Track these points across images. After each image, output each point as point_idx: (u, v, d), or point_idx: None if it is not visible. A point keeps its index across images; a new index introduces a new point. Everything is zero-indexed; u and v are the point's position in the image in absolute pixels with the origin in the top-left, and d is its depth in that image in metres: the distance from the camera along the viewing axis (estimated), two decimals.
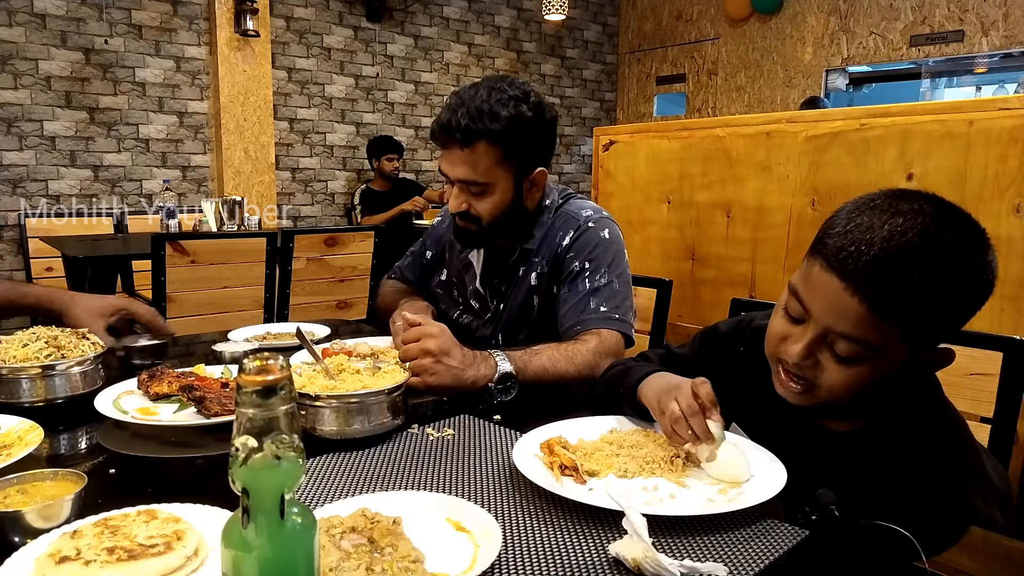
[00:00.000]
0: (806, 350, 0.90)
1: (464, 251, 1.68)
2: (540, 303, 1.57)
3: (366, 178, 5.99)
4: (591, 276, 1.49)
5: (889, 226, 0.83)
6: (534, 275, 1.57)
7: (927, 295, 0.82)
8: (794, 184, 2.22)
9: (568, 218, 1.56)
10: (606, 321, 1.45)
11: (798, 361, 0.91)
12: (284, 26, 5.51)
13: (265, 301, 3.29)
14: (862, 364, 0.88)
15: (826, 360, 0.90)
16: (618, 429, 1.07)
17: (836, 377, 0.90)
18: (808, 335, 0.90)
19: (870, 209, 0.86)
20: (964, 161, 1.83)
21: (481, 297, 1.65)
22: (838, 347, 0.88)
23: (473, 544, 0.77)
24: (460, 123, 1.39)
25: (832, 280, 0.85)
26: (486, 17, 6.62)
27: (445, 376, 1.23)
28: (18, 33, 4.48)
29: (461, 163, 1.44)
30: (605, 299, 1.47)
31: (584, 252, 1.51)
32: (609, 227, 1.55)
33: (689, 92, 7.08)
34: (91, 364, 1.23)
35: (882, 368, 0.88)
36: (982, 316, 0.88)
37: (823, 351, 0.90)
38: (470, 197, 1.48)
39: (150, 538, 0.71)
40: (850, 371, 0.89)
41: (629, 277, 1.55)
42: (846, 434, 1.00)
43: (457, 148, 1.42)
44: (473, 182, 1.45)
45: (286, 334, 1.69)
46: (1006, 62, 5.48)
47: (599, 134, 2.88)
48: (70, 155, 4.73)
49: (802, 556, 0.78)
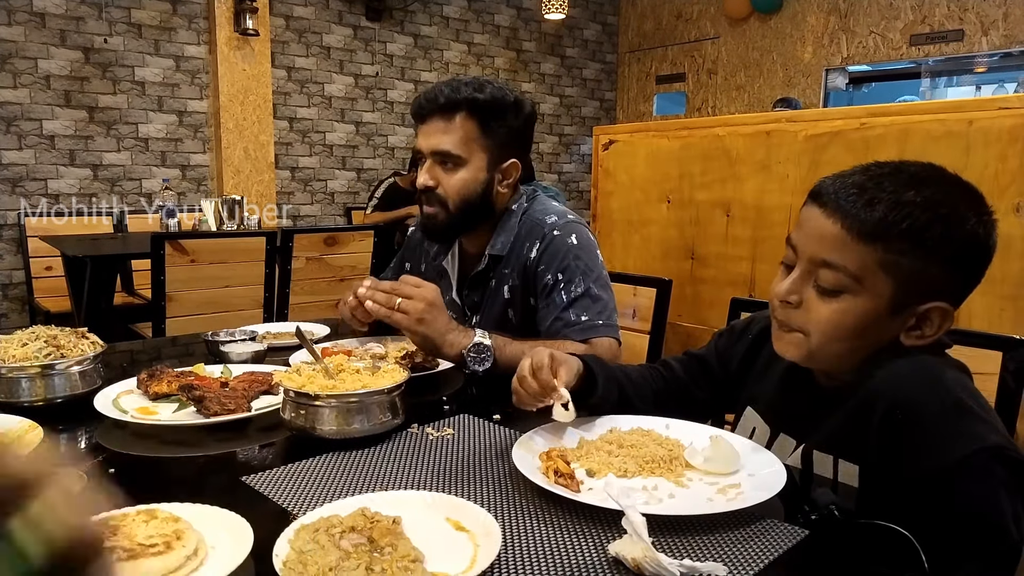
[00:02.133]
0: (791, 283, 0.94)
1: (438, 257, 1.67)
2: (517, 316, 1.55)
3: (368, 177, 5.99)
4: (566, 287, 1.47)
5: (868, 166, 0.92)
6: (506, 287, 1.55)
7: (900, 217, 0.86)
8: (794, 183, 2.22)
9: (533, 226, 1.53)
10: (591, 329, 1.43)
11: (784, 296, 0.94)
12: (284, 25, 5.50)
13: (265, 300, 3.29)
14: (845, 298, 0.90)
15: (811, 299, 0.92)
16: (618, 429, 1.07)
17: (822, 313, 0.91)
18: (796, 271, 0.94)
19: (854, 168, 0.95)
20: (964, 160, 1.83)
21: (458, 308, 1.64)
22: (821, 278, 0.91)
23: (473, 544, 0.77)
24: (443, 91, 1.46)
25: (812, 210, 0.92)
26: (486, 16, 6.62)
27: (431, 326, 1.31)
28: (17, 32, 4.47)
29: (439, 132, 1.47)
30: (584, 308, 1.45)
31: (554, 263, 1.48)
32: (576, 231, 1.52)
33: (689, 91, 7.07)
34: (90, 364, 1.23)
35: (868, 308, 0.89)
36: (982, 316, 0.88)
37: (808, 288, 0.93)
38: (441, 172, 1.49)
39: (150, 538, 0.71)
40: (834, 306, 0.90)
41: (606, 278, 1.52)
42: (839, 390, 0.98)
43: (438, 117, 1.47)
44: (447, 153, 1.47)
45: (286, 334, 1.69)
46: (1006, 61, 5.48)
47: (599, 133, 2.88)
48: (70, 154, 4.72)
49: (802, 556, 0.78)
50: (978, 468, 0.81)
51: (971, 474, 0.81)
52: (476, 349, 1.32)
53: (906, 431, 0.86)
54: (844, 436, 0.95)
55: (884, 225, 0.86)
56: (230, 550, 0.73)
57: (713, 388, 1.21)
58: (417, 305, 1.31)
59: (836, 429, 0.96)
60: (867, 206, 0.87)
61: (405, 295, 1.32)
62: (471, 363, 1.33)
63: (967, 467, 0.81)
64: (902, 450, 0.86)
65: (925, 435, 0.85)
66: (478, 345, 1.33)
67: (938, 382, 0.88)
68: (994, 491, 0.81)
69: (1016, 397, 1.20)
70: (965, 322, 1.77)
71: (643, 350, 1.83)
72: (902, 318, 0.91)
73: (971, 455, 0.81)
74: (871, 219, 0.87)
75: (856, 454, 0.94)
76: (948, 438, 0.83)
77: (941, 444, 0.84)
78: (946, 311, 0.90)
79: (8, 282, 4.67)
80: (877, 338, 0.92)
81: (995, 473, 0.81)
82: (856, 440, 0.92)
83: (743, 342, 1.18)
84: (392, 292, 1.33)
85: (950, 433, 0.84)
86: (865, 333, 0.92)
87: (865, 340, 0.92)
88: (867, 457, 0.92)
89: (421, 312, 1.30)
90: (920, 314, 0.90)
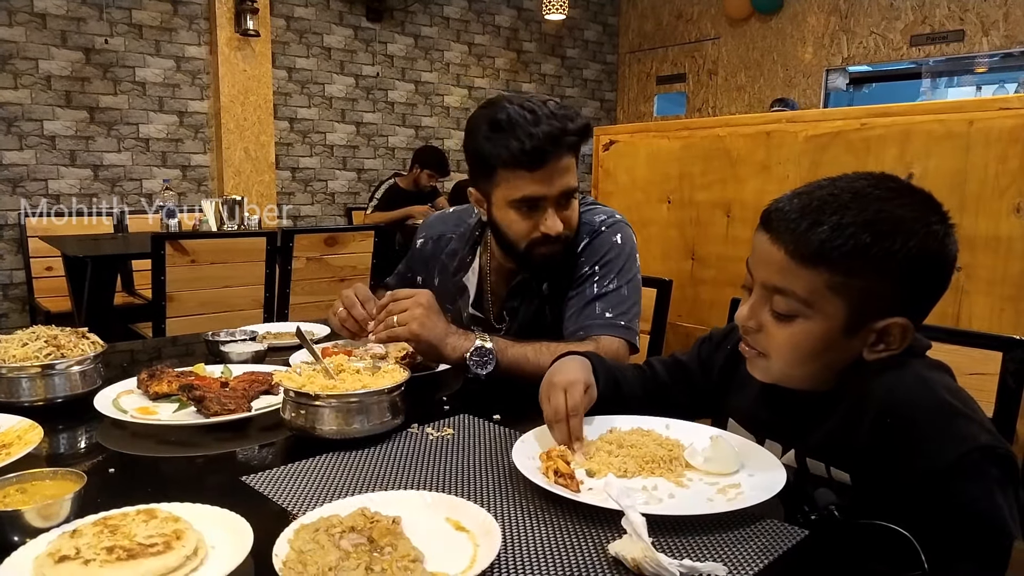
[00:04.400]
0: (749, 309, 0.95)
1: (458, 273, 1.65)
2: (553, 311, 1.54)
3: (368, 177, 5.99)
4: (600, 281, 1.47)
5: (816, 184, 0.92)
6: (546, 284, 1.54)
7: (840, 240, 0.85)
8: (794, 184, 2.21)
9: (582, 225, 1.53)
10: (609, 327, 1.43)
11: (744, 322, 0.96)
12: (284, 26, 5.51)
13: (265, 301, 3.29)
14: (798, 322, 0.90)
15: (768, 322, 0.93)
16: (618, 429, 1.07)
17: (779, 338, 0.92)
18: (752, 296, 0.95)
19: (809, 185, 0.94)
20: (964, 161, 1.83)
21: (480, 320, 1.63)
22: (775, 304, 0.92)
23: (472, 544, 0.77)
24: (558, 129, 1.35)
25: (761, 236, 0.93)
26: (486, 17, 6.62)
27: (431, 331, 1.30)
28: (18, 33, 4.48)
29: (564, 173, 1.39)
30: (611, 304, 1.45)
31: (595, 257, 1.49)
32: (622, 231, 1.53)
33: (689, 92, 7.07)
34: (91, 363, 1.23)
35: (823, 331, 0.90)
36: (982, 316, 0.88)
37: (765, 312, 0.94)
38: (562, 211, 1.42)
39: (149, 537, 0.71)
40: (789, 330, 0.91)
41: (639, 283, 1.52)
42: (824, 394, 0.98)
43: (562, 159, 1.37)
44: (574, 189, 1.43)
45: (286, 334, 1.69)
46: (1006, 62, 5.48)
47: (599, 134, 2.88)
48: (70, 155, 4.73)
49: (802, 556, 0.78)
50: (972, 468, 0.82)
51: (966, 474, 0.82)
52: (478, 353, 1.32)
53: (898, 436, 0.86)
54: (834, 443, 0.95)
55: (826, 249, 0.86)
56: (230, 550, 0.73)
57: (693, 394, 1.21)
58: (414, 312, 1.30)
59: (826, 436, 0.96)
60: (808, 230, 0.87)
61: (400, 309, 1.30)
62: (473, 367, 1.32)
63: (961, 468, 0.82)
64: (895, 454, 0.86)
65: (917, 439, 0.85)
66: (480, 349, 1.32)
67: (925, 385, 0.88)
68: (989, 490, 0.81)
69: (1016, 397, 1.20)
70: (965, 322, 1.77)
71: (643, 350, 1.82)
72: (860, 336, 0.90)
73: (964, 455, 0.82)
74: (812, 243, 0.87)
75: (847, 461, 0.94)
76: (940, 440, 0.84)
77: (934, 447, 0.84)
78: (905, 326, 0.89)
79: (8, 282, 4.68)
80: (839, 357, 0.92)
81: (989, 472, 0.82)
82: (846, 447, 0.93)
83: (722, 351, 1.18)
84: (386, 312, 1.32)
85: (942, 435, 0.84)
86: (824, 355, 0.92)
87: (826, 360, 0.93)
88: (858, 463, 0.92)
89: (419, 318, 1.29)
90: (879, 330, 0.89)
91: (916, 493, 0.84)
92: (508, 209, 1.42)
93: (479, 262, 1.64)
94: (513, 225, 1.43)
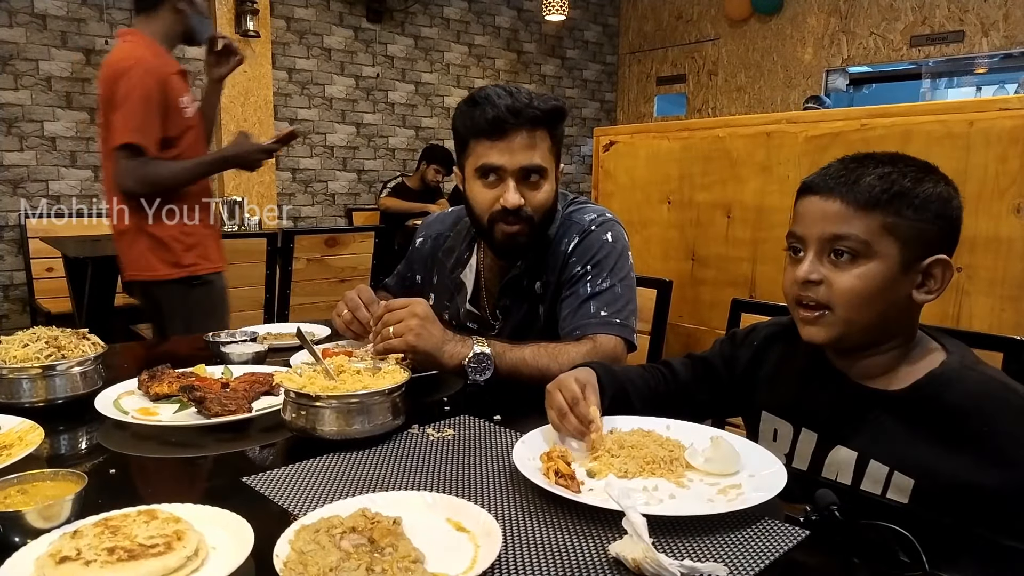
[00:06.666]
0: (809, 264, 1.01)
1: (455, 270, 1.66)
2: (546, 311, 1.55)
3: (369, 178, 5.99)
4: (592, 280, 1.47)
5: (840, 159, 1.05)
6: (539, 283, 1.54)
7: (887, 185, 0.97)
8: (794, 184, 2.21)
9: (572, 224, 1.54)
10: (605, 326, 1.43)
11: (806, 276, 1.01)
12: (284, 27, 5.51)
13: (265, 301, 3.29)
14: (861, 262, 0.98)
15: (830, 272, 1.00)
16: (618, 429, 1.07)
17: (843, 283, 0.99)
18: (809, 254, 1.02)
19: None
20: (964, 161, 1.83)
21: (477, 317, 1.63)
22: (836, 251, 0.99)
23: (473, 544, 0.77)
24: (524, 104, 1.39)
25: (811, 199, 1.03)
26: (486, 18, 6.62)
27: (428, 340, 1.28)
28: (19, 34, 4.48)
29: (524, 148, 1.40)
30: (605, 303, 1.45)
31: (586, 256, 1.49)
32: (612, 229, 1.53)
33: (689, 92, 7.08)
34: (91, 364, 1.23)
35: (882, 270, 0.97)
36: (982, 316, 0.90)
37: (825, 264, 1.01)
38: (525, 190, 1.43)
39: (150, 538, 0.71)
40: (854, 272, 0.98)
41: (633, 281, 1.53)
42: (890, 394, 1.02)
43: (522, 133, 1.39)
44: (535, 167, 1.42)
45: (286, 334, 1.69)
46: (1006, 62, 5.48)
47: (599, 134, 2.88)
48: (70, 155, 4.73)
49: (802, 556, 0.78)
50: None
51: None
52: (476, 359, 1.31)
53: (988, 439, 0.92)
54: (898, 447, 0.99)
55: (876, 194, 0.97)
56: (231, 550, 0.73)
57: (715, 391, 1.24)
58: (409, 323, 1.28)
59: (894, 441, 1.00)
60: (857, 181, 0.99)
61: (395, 320, 1.29)
62: (472, 373, 1.32)
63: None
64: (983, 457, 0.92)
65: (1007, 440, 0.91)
66: (478, 355, 1.31)
67: (1004, 388, 0.96)
68: None
69: None
70: (966, 323, 1.77)
71: (643, 351, 1.83)
72: (911, 275, 0.99)
73: None
74: (864, 192, 0.98)
75: (918, 467, 0.97)
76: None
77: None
78: (946, 262, 0.99)
79: (9, 283, 4.68)
80: (894, 299, 0.99)
81: None
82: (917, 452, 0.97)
83: (747, 348, 1.22)
84: (381, 324, 1.30)
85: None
86: (884, 295, 0.99)
87: (884, 303, 0.99)
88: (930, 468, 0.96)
89: (415, 328, 1.27)
90: (924, 269, 0.98)
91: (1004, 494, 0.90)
92: (474, 180, 1.46)
93: (476, 259, 1.65)
94: (477, 196, 1.47)
